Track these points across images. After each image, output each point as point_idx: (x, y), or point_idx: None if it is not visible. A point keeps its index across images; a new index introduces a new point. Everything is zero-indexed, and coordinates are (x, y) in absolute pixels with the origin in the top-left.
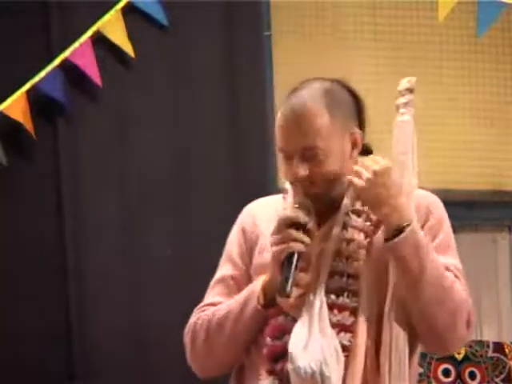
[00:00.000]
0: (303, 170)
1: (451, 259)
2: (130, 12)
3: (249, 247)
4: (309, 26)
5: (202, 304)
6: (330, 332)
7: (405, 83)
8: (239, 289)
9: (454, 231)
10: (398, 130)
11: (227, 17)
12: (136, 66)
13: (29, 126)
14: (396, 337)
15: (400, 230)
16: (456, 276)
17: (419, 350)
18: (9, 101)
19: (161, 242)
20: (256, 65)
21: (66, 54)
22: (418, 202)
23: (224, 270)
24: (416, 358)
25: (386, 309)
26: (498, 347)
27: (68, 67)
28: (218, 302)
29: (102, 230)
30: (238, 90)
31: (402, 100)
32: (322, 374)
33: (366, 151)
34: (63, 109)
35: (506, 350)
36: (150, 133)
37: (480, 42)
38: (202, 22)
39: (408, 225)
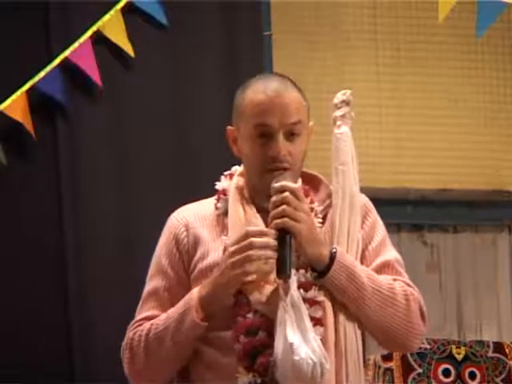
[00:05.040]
0: (285, 148)
1: (390, 253)
2: (129, 12)
3: (185, 256)
4: (309, 26)
5: (136, 319)
6: (311, 325)
7: (340, 96)
8: (174, 300)
9: (455, 231)
10: (336, 141)
11: (227, 17)
12: (136, 65)
13: (29, 126)
14: (350, 338)
15: (331, 259)
16: (396, 271)
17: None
18: (9, 101)
19: None
20: (256, 65)
21: (66, 53)
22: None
23: (155, 281)
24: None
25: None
26: (498, 347)
27: (68, 67)
28: (153, 316)
29: (102, 229)
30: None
31: (338, 113)
32: (322, 365)
33: None
34: (63, 109)
35: (506, 350)
36: (150, 133)
37: (480, 42)
38: (201, 22)
39: (335, 252)
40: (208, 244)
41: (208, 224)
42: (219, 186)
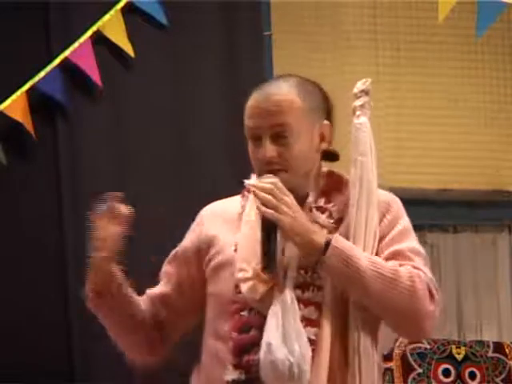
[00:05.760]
0: (271, 151)
1: (404, 243)
2: (129, 12)
3: (197, 255)
4: (309, 26)
5: None
6: (301, 326)
7: (360, 85)
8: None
9: (454, 231)
10: (355, 131)
11: (227, 17)
12: (136, 65)
13: (29, 126)
14: (363, 332)
15: (326, 246)
16: (407, 258)
17: (382, 340)
18: (9, 101)
19: (161, 239)
20: (256, 65)
21: (66, 53)
22: (378, 198)
23: (167, 267)
24: (379, 349)
25: (351, 303)
26: (498, 347)
27: (68, 67)
28: (149, 293)
29: None
30: (238, 89)
31: (357, 102)
32: (299, 366)
33: (333, 156)
34: (63, 109)
35: (506, 350)
36: (149, 133)
37: (480, 42)
38: (202, 22)
39: (330, 238)
40: (223, 241)
41: (230, 221)
42: (247, 183)
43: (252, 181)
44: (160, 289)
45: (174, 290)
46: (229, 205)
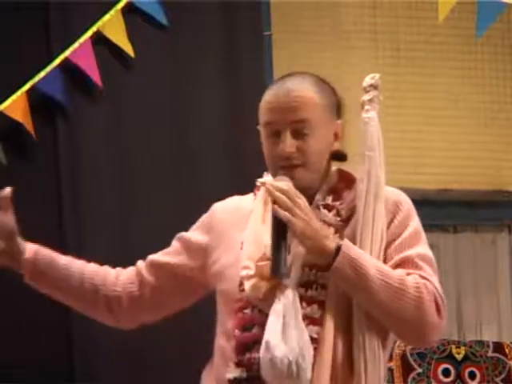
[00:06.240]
0: (291, 146)
1: (413, 249)
2: (129, 12)
3: (202, 252)
4: (309, 26)
5: None
6: (302, 324)
7: (369, 80)
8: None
9: (455, 231)
10: (363, 126)
11: (227, 17)
12: (136, 65)
13: (29, 126)
14: (368, 329)
15: (336, 252)
16: (416, 266)
17: (391, 343)
18: (9, 101)
19: (161, 241)
20: (256, 65)
21: (66, 53)
22: (387, 196)
23: (173, 243)
24: (387, 351)
25: (355, 302)
26: (498, 347)
27: (68, 67)
28: (151, 258)
29: (102, 229)
30: (238, 89)
31: (366, 97)
32: (298, 365)
33: (341, 157)
34: (63, 109)
35: (506, 350)
36: (149, 133)
37: (480, 42)
38: (201, 22)
39: (341, 244)
40: (232, 239)
41: (241, 219)
42: (261, 181)
43: (267, 179)
44: (158, 255)
45: (166, 262)
46: (242, 202)
